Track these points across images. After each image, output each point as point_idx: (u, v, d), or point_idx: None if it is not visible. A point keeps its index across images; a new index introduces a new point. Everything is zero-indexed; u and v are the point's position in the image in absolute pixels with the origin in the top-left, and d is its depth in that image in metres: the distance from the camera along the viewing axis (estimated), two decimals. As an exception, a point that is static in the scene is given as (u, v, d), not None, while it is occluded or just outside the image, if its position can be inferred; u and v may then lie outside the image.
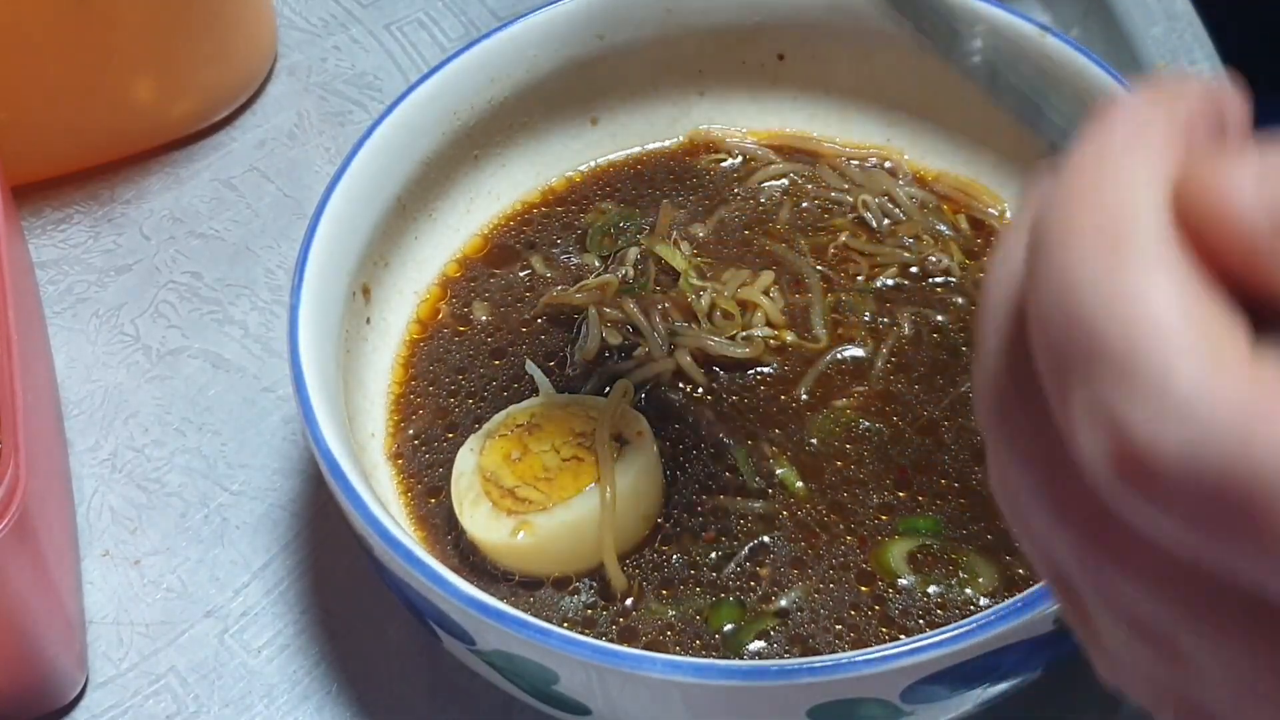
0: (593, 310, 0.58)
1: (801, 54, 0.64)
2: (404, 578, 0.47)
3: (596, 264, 0.61)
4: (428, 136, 0.59)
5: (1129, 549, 0.22)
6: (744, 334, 0.58)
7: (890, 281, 0.60)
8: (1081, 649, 0.28)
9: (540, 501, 0.51)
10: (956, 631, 0.43)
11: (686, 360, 0.57)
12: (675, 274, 0.60)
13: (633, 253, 0.61)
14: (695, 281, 0.59)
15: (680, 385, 0.57)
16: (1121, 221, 0.19)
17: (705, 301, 0.58)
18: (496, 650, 0.46)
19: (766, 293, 0.59)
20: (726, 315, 0.58)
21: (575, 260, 0.62)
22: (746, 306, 0.59)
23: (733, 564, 0.52)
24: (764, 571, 0.52)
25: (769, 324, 0.58)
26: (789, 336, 0.58)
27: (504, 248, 0.63)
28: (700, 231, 0.62)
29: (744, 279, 0.59)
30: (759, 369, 0.57)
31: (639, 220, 0.63)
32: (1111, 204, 0.19)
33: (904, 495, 0.53)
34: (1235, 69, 0.70)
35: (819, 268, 0.60)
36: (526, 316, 0.60)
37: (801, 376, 0.57)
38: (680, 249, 0.61)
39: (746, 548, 0.53)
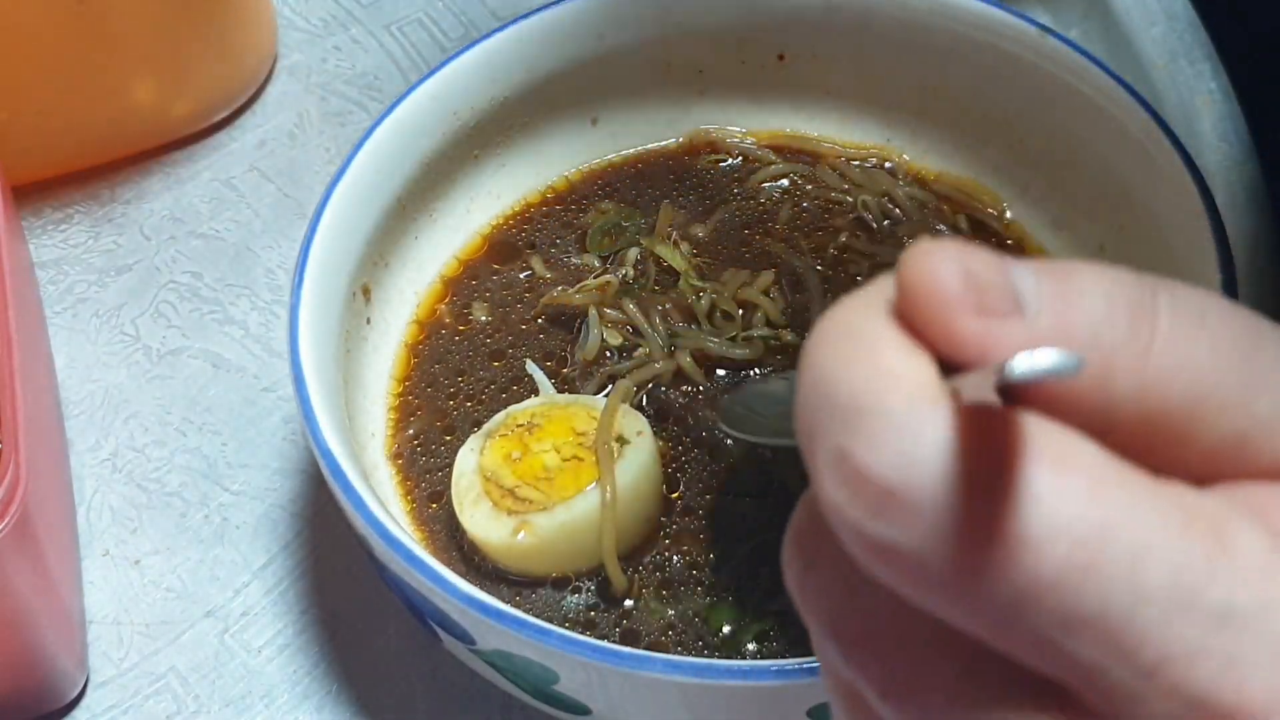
0: (593, 311, 0.58)
1: (801, 54, 0.64)
2: (404, 577, 0.47)
3: (596, 264, 0.61)
4: (428, 136, 0.59)
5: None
6: (744, 334, 0.58)
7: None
8: None
9: (540, 501, 0.51)
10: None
11: (687, 361, 0.57)
12: (675, 274, 0.60)
13: (633, 253, 0.61)
14: (695, 282, 0.59)
15: (681, 386, 0.57)
16: (849, 319, 0.25)
17: (705, 302, 0.58)
18: (496, 650, 0.46)
19: (766, 293, 0.59)
20: (726, 316, 0.58)
21: (575, 260, 0.62)
22: (747, 307, 0.59)
23: (733, 564, 0.52)
24: (764, 571, 0.52)
25: (769, 324, 0.58)
26: (789, 336, 0.58)
27: (504, 247, 0.63)
28: (700, 232, 0.62)
29: (744, 279, 0.59)
30: (759, 369, 0.57)
31: (639, 220, 0.63)
32: (844, 314, 0.25)
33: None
34: (1235, 69, 0.70)
35: (819, 267, 0.60)
36: (527, 317, 0.60)
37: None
38: (680, 249, 0.61)
39: (747, 548, 0.53)
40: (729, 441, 0.55)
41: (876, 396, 0.23)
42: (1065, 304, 0.24)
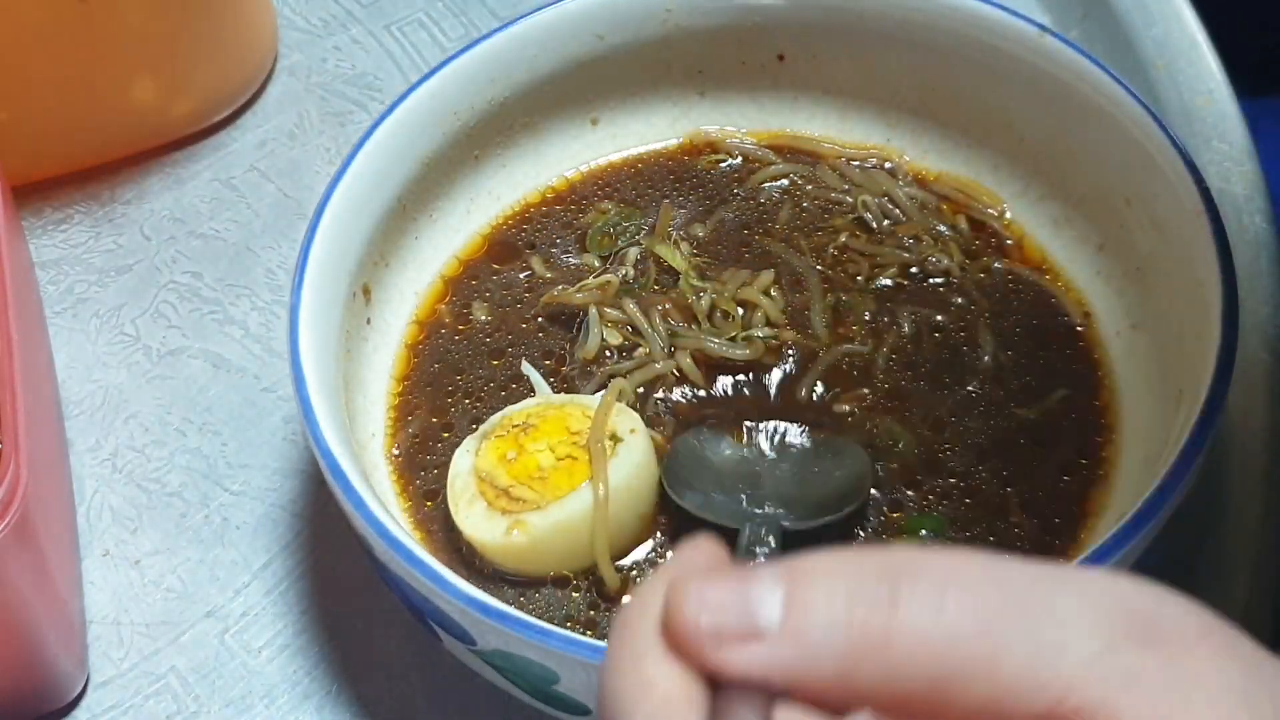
0: (593, 310, 0.58)
1: (801, 54, 0.64)
2: (404, 578, 0.47)
3: (596, 264, 0.61)
4: (428, 136, 0.59)
5: None
6: (744, 334, 0.58)
7: (890, 282, 0.60)
8: None
9: (534, 500, 0.51)
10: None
11: (687, 362, 0.57)
12: (675, 274, 0.60)
13: (633, 253, 0.61)
14: (695, 282, 0.59)
15: (681, 387, 0.57)
16: (627, 630, 0.30)
17: (705, 302, 0.58)
18: (496, 650, 0.46)
19: (766, 292, 0.59)
20: (726, 315, 0.58)
21: (575, 260, 0.62)
22: (746, 306, 0.59)
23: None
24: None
25: (769, 323, 0.58)
26: (790, 335, 0.58)
27: (504, 246, 0.63)
28: (700, 231, 0.62)
29: (744, 279, 0.59)
30: (758, 370, 0.57)
31: (639, 220, 0.63)
32: (625, 624, 0.30)
33: (912, 494, 0.53)
34: (1234, 68, 0.70)
35: (819, 267, 0.60)
36: (527, 316, 0.60)
37: (803, 376, 0.57)
38: (680, 249, 0.61)
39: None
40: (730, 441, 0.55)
41: (632, 703, 0.28)
42: (805, 613, 0.28)
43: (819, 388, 0.56)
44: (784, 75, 0.65)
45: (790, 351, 0.57)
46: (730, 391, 0.57)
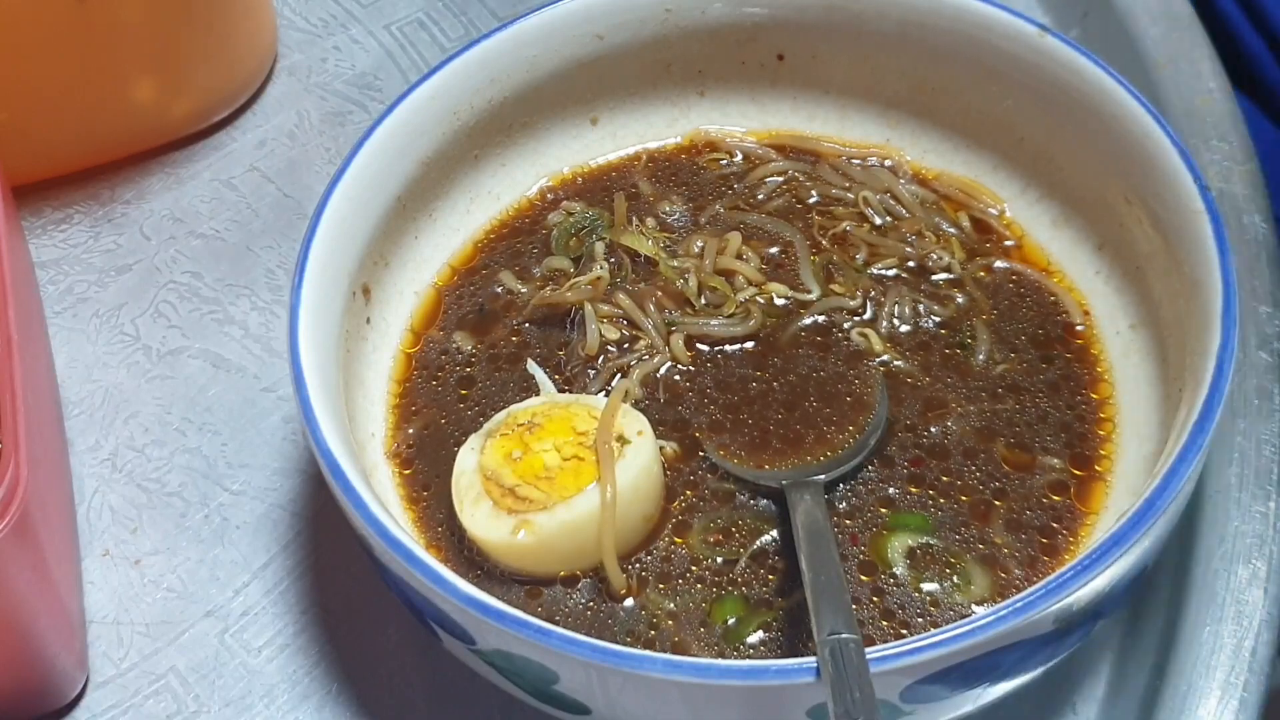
0: (588, 306, 0.58)
1: (801, 54, 0.64)
2: (404, 578, 0.47)
3: (568, 266, 0.61)
4: (428, 136, 0.59)
5: None
6: (738, 306, 0.58)
7: (890, 272, 0.60)
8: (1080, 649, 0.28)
9: (541, 500, 0.51)
10: (956, 631, 0.43)
11: (682, 351, 0.57)
12: (647, 260, 0.60)
13: (599, 247, 0.61)
14: (674, 264, 0.59)
15: (681, 378, 0.57)
16: None
17: (692, 283, 0.59)
18: (496, 650, 0.46)
19: (740, 255, 0.59)
20: (713, 289, 0.59)
21: (538, 270, 0.61)
22: (726, 275, 0.59)
23: (739, 563, 0.52)
24: (766, 566, 0.52)
25: (750, 283, 0.59)
26: (776, 288, 0.58)
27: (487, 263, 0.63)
28: (666, 206, 0.62)
29: (716, 246, 0.60)
30: (758, 340, 0.58)
31: (603, 215, 0.62)
32: None
33: (912, 490, 0.53)
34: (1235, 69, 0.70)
35: (813, 238, 0.60)
36: (518, 321, 0.60)
37: (787, 327, 0.57)
38: (645, 227, 0.61)
39: (752, 546, 0.53)
40: (731, 441, 0.55)
41: None
42: None
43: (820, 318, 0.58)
44: (784, 75, 0.65)
45: (783, 303, 0.58)
46: (735, 365, 0.57)
